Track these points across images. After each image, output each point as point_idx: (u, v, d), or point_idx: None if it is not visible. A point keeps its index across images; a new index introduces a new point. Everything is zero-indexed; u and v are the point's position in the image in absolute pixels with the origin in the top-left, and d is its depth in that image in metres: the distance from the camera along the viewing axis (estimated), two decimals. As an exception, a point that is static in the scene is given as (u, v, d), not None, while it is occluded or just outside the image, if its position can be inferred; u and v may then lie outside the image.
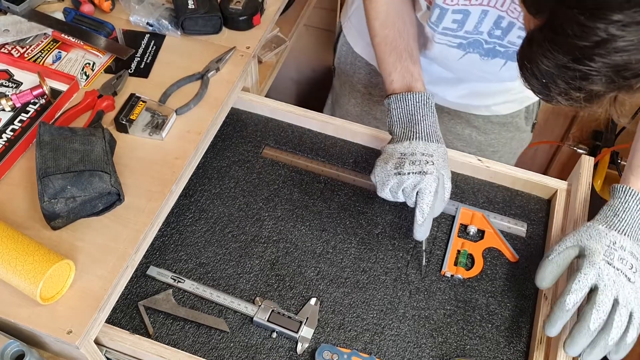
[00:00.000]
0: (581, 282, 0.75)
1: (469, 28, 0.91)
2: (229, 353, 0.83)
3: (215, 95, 0.99)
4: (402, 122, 0.91)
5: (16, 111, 0.94)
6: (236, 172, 1.02)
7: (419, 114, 0.90)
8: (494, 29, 0.90)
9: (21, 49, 1.03)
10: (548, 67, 0.57)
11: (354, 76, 1.24)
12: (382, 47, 0.96)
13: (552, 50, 0.56)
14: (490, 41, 0.92)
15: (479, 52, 0.96)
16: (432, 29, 0.94)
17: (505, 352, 0.85)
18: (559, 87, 0.58)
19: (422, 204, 0.85)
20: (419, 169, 0.85)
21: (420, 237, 0.88)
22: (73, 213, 0.80)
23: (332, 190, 1.00)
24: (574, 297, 0.75)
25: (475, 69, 1.01)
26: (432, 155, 0.86)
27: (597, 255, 0.76)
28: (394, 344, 0.85)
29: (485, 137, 1.20)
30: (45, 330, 0.73)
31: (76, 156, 0.81)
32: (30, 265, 0.72)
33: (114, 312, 0.85)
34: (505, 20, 0.87)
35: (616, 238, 0.78)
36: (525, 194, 1.02)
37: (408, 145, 0.88)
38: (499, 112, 1.17)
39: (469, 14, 0.89)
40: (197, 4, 1.05)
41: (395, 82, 0.94)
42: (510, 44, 0.91)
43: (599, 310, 0.73)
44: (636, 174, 0.83)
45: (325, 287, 0.89)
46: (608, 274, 0.75)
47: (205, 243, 0.93)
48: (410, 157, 0.86)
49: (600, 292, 0.74)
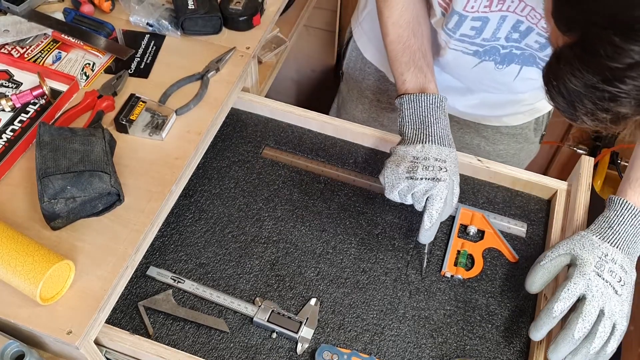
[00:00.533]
0: (570, 291, 0.77)
1: (486, 35, 0.90)
2: (228, 353, 0.83)
3: (215, 95, 0.99)
4: (414, 124, 0.89)
5: (16, 111, 0.94)
6: (236, 172, 1.02)
7: (432, 117, 0.89)
8: (512, 32, 0.88)
9: (21, 49, 1.03)
10: (576, 87, 0.56)
11: (362, 82, 1.23)
12: (395, 46, 0.95)
13: (582, 69, 0.55)
14: (507, 45, 0.91)
15: (495, 60, 0.94)
16: (448, 35, 0.93)
17: (505, 352, 0.85)
18: (586, 107, 0.57)
19: (432, 210, 0.84)
20: (433, 175, 0.84)
21: (425, 240, 0.88)
22: (73, 213, 0.80)
23: (332, 191, 1.00)
24: (561, 305, 0.76)
25: (488, 78, 0.99)
26: (445, 161, 0.86)
27: (588, 266, 0.78)
28: (394, 345, 0.85)
29: (494, 147, 1.19)
30: (45, 331, 0.73)
31: (76, 156, 0.81)
32: (30, 266, 0.72)
33: (114, 312, 0.85)
34: (524, 25, 0.86)
35: (608, 250, 0.79)
36: (525, 194, 1.02)
37: (421, 149, 0.87)
38: (509, 123, 1.16)
39: (488, 20, 0.87)
40: (197, 4, 1.05)
41: (407, 82, 0.93)
42: (527, 47, 0.90)
43: (584, 320, 0.75)
44: (634, 187, 0.83)
45: (325, 288, 0.89)
46: (597, 285, 0.76)
47: (205, 243, 0.93)
48: (423, 162, 0.85)
49: (588, 303, 0.76)
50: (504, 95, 1.09)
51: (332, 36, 1.80)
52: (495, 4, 0.84)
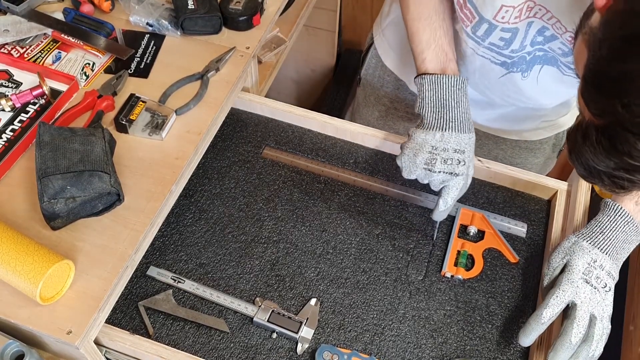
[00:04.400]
0: (559, 298, 0.78)
1: (515, 47, 0.88)
2: (229, 353, 0.82)
3: (215, 95, 0.98)
4: (434, 107, 0.88)
5: (16, 111, 0.94)
6: (236, 172, 1.02)
7: (453, 100, 0.87)
8: (537, 36, 0.86)
9: (21, 49, 1.03)
10: (597, 166, 0.58)
11: (380, 89, 1.21)
12: (415, 24, 0.92)
13: (604, 156, 0.57)
14: (532, 50, 0.88)
15: (521, 69, 0.92)
16: (477, 43, 0.90)
17: (506, 352, 0.85)
18: (603, 181, 0.60)
19: (447, 197, 0.87)
20: (451, 169, 0.85)
21: (438, 219, 0.90)
22: (73, 213, 0.80)
23: (332, 191, 1.00)
24: (549, 312, 0.78)
25: (513, 90, 0.97)
26: (464, 152, 0.86)
27: (577, 273, 0.79)
28: (394, 345, 0.84)
29: (512, 160, 1.18)
30: (45, 331, 0.73)
31: (76, 156, 0.81)
32: (30, 266, 0.72)
33: (114, 312, 0.85)
34: (549, 32, 0.84)
35: (597, 256, 0.80)
36: (525, 195, 1.02)
37: (440, 138, 0.86)
38: (529, 138, 1.15)
39: (517, 31, 0.85)
40: (197, 4, 1.05)
41: (428, 62, 0.90)
42: (550, 49, 0.88)
43: (579, 325, 0.77)
44: None
45: (326, 288, 0.89)
46: (584, 292, 0.78)
47: (205, 243, 0.93)
48: (442, 154, 0.85)
49: (579, 308, 0.77)
50: (526, 111, 1.08)
51: (332, 36, 1.80)
52: (525, 13, 0.82)
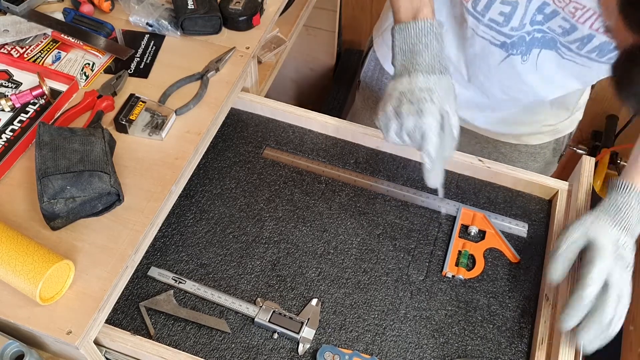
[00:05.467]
0: (598, 275, 0.77)
1: (515, 24, 0.86)
2: (230, 354, 0.82)
3: (215, 95, 0.98)
4: (403, 54, 0.84)
5: (16, 111, 0.94)
6: (237, 172, 1.02)
7: (422, 43, 0.83)
8: (536, 14, 0.84)
9: (21, 49, 1.03)
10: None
11: (379, 92, 1.21)
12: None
13: None
14: (531, 30, 0.86)
15: (521, 52, 0.91)
16: (477, 19, 0.89)
17: (507, 352, 0.84)
18: None
19: (427, 146, 0.80)
20: (416, 108, 0.79)
21: (432, 183, 0.85)
22: (72, 213, 0.80)
23: (333, 191, 1.00)
24: (591, 290, 0.76)
25: (513, 79, 0.96)
26: (431, 90, 0.80)
27: (608, 251, 0.78)
28: (395, 345, 0.84)
29: (511, 164, 1.17)
30: (45, 331, 0.72)
31: (76, 156, 0.81)
32: (30, 266, 0.71)
33: (115, 313, 0.84)
34: (550, 8, 0.83)
35: (620, 235, 0.80)
36: (526, 195, 1.02)
37: (408, 82, 0.82)
38: (529, 142, 1.15)
39: (517, 5, 0.84)
40: (196, 4, 1.05)
41: (401, 12, 0.85)
42: (549, 30, 0.86)
43: (610, 305, 0.76)
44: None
45: (327, 288, 0.89)
46: (615, 270, 0.78)
47: (206, 244, 0.93)
48: (408, 95, 0.81)
49: (610, 287, 0.77)
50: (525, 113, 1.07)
51: (332, 36, 1.80)
52: None
